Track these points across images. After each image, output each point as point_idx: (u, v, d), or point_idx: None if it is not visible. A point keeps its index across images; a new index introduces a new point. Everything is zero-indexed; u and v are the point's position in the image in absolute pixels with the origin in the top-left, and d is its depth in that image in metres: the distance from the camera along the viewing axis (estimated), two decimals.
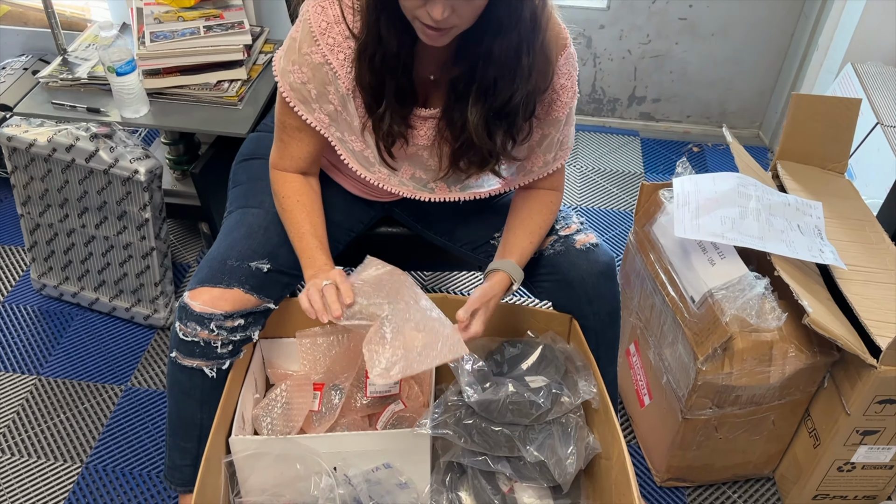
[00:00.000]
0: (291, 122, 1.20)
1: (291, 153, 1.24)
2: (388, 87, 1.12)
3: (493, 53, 1.07)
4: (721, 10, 2.34)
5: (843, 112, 1.59)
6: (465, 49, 1.10)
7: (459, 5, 0.98)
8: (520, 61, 1.08)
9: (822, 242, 1.36)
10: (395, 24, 1.05)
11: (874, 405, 1.29)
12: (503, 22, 1.04)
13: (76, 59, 1.79)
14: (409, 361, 1.11)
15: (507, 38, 1.05)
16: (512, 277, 1.22)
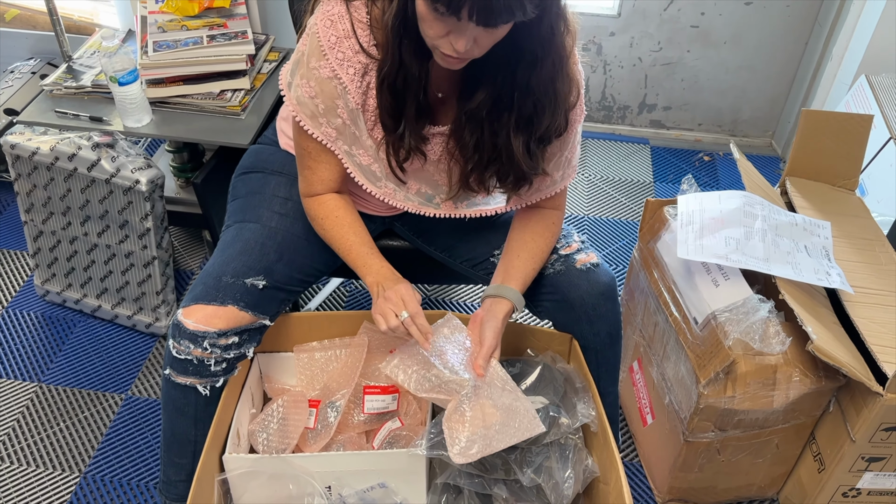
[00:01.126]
0: (311, 145, 1.19)
1: (320, 177, 1.22)
2: (409, 107, 1.11)
3: (532, 85, 1.08)
4: (734, 17, 2.31)
5: (854, 128, 1.55)
6: (482, 78, 1.09)
7: (482, 37, 0.98)
8: (556, 88, 1.09)
9: (830, 265, 1.33)
10: (416, 49, 1.05)
11: (880, 432, 1.26)
12: (538, 54, 1.05)
13: (81, 67, 1.79)
14: (487, 440, 1.14)
15: (544, 69, 1.07)
16: (514, 305, 1.21)
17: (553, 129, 1.13)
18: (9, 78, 2.22)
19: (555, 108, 1.11)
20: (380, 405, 1.38)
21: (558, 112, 1.11)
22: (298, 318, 1.38)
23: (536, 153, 1.15)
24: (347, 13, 1.09)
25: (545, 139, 1.14)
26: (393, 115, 1.13)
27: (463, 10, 0.91)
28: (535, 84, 1.07)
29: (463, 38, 0.96)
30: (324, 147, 1.19)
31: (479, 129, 1.14)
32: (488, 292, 1.22)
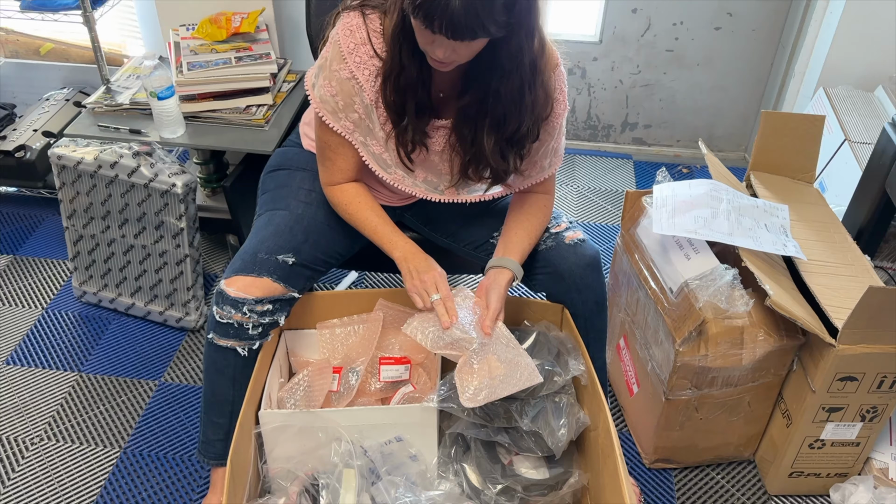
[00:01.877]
0: (330, 138, 1.39)
1: (339, 167, 1.42)
2: (409, 104, 1.31)
3: (501, 93, 1.26)
4: (704, 42, 2.54)
5: (809, 127, 1.76)
6: (473, 81, 1.29)
7: (458, 48, 1.17)
8: (524, 98, 1.28)
9: (787, 239, 1.52)
10: (413, 53, 1.24)
11: (836, 382, 1.44)
12: (506, 67, 1.23)
13: (118, 88, 1.99)
14: (493, 388, 1.30)
15: (511, 81, 1.25)
16: (514, 274, 1.39)
17: (522, 134, 1.30)
18: (45, 105, 2.43)
19: (521, 116, 1.28)
20: (394, 374, 1.55)
21: (525, 120, 1.29)
22: (321, 297, 1.55)
23: (508, 154, 1.33)
24: (364, 24, 1.30)
25: (515, 142, 1.32)
26: (397, 110, 1.32)
27: (434, 26, 1.11)
28: (504, 93, 1.25)
29: (440, 48, 1.16)
30: (343, 140, 1.38)
31: (473, 126, 1.34)
32: (491, 264, 1.41)
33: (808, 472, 1.61)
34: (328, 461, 1.39)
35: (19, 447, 1.71)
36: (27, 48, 2.56)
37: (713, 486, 1.68)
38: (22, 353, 1.93)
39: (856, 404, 1.48)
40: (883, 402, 1.48)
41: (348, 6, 1.32)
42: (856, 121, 2.07)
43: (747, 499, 1.65)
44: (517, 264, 1.40)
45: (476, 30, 1.11)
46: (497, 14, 1.11)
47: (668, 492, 1.67)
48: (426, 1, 1.09)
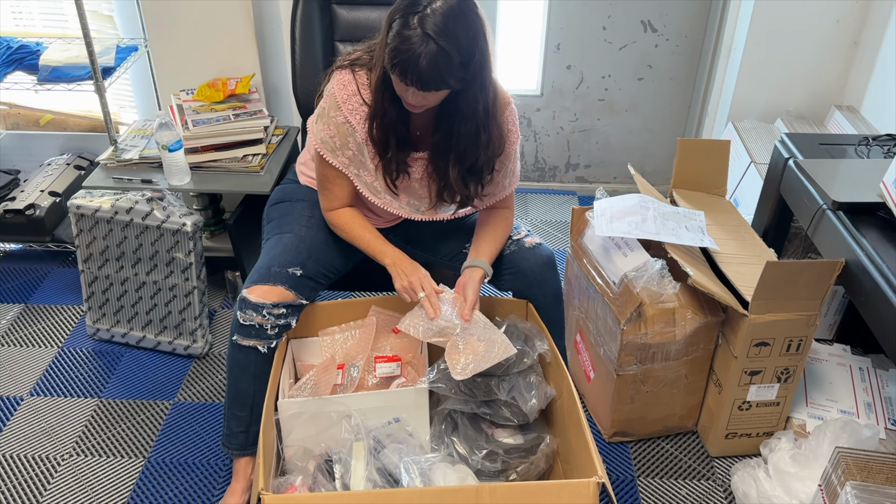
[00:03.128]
0: (330, 172, 1.68)
1: (336, 195, 1.71)
2: (392, 139, 1.62)
3: (461, 133, 1.58)
4: (630, 90, 2.95)
5: (717, 150, 2.13)
6: (441, 122, 1.60)
7: (427, 96, 1.48)
8: (479, 137, 1.59)
9: (703, 236, 1.86)
10: (393, 99, 1.56)
11: (752, 348, 1.75)
12: (465, 113, 1.55)
13: (126, 146, 2.27)
14: (477, 362, 1.58)
15: (469, 124, 1.56)
16: (486, 272, 1.70)
17: (479, 166, 1.61)
18: (48, 169, 2.68)
19: (478, 152, 1.60)
20: (388, 370, 1.82)
21: (481, 155, 1.60)
22: (322, 307, 1.82)
23: (469, 183, 1.64)
24: (354, 79, 1.62)
25: (475, 173, 1.63)
26: (382, 145, 1.62)
27: (407, 80, 1.42)
28: (463, 133, 1.56)
29: (412, 96, 1.47)
30: (339, 172, 1.68)
31: (445, 159, 1.65)
32: (466, 264, 1.71)
33: (740, 432, 1.91)
34: (339, 440, 1.64)
35: (51, 463, 1.90)
36: (28, 120, 2.82)
37: (664, 455, 1.96)
38: (43, 386, 2.13)
39: (771, 367, 1.79)
40: (793, 364, 1.80)
41: (340, 66, 1.64)
42: (759, 147, 2.47)
43: (694, 462, 1.94)
44: (487, 264, 1.70)
45: (439, 83, 1.43)
46: (455, 71, 1.43)
47: (626, 462, 1.94)
48: (401, 61, 1.41)
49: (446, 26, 1.38)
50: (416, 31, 1.38)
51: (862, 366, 2.04)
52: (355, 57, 1.62)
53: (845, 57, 2.57)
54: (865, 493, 1.43)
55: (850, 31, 2.53)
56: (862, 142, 1.95)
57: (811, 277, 1.64)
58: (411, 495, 1.37)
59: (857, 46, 2.54)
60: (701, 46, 2.84)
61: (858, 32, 2.52)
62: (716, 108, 2.82)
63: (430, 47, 1.37)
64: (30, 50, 2.37)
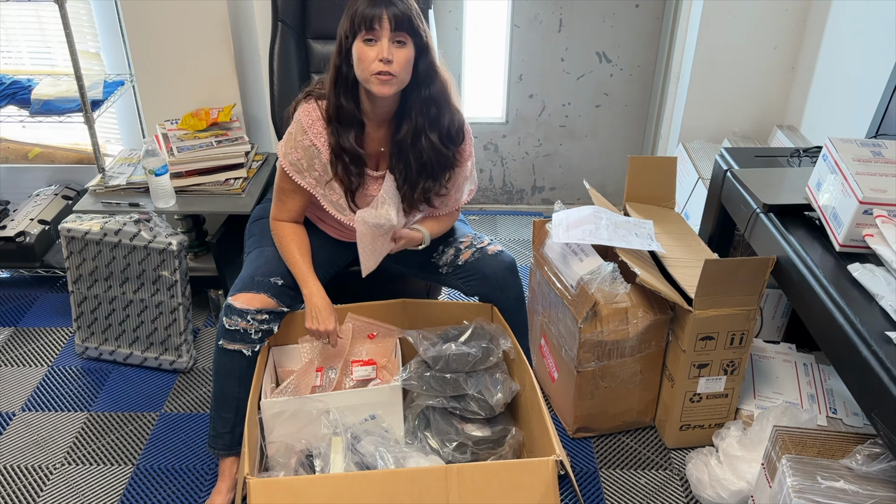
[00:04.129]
0: (288, 186, 1.83)
1: (288, 208, 1.86)
2: (349, 160, 1.76)
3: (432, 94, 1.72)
4: (589, 117, 3.14)
5: (665, 166, 2.31)
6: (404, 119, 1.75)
7: (395, 54, 1.62)
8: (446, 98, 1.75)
9: (652, 241, 2.03)
10: (346, 92, 1.71)
11: (699, 342, 1.91)
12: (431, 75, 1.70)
13: (113, 174, 2.41)
14: None
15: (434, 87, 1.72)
16: (424, 235, 1.86)
17: (450, 127, 1.77)
18: (37, 199, 2.80)
19: (447, 110, 1.75)
20: (364, 373, 1.95)
21: (448, 112, 1.76)
22: (302, 315, 1.94)
23: (449, 144, 1.78)
24: (317, 107, 1.78)
25: (450, 135, 1.78)
26: (340, 165, 1.77)
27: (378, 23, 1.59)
28: (434, 94, 1.72)
29: (383, 49, 1.61)
30: (297, 188, 1.81)
31: (404, 164, 1.79)
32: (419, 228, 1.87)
33: (693, 424, 2.05)
34: (319, 436, 1.76)
35: (43, 472, 1.99)
36: (17, 154, 2.94)
37: (624, 448, 2.10)
38: (34, 402, 2.23)
39: (717, 360, 1.94)
40: (737, 357, 1.95)
41: (302, 98, 1.81)
42: (707, 164, 2.66)
43: (652, 454, 2.08)
44: (428, 234, 1.88)
45: (408, 22, 1.61)
46: (417, 17, 1.63)
47: (589, 456, 2.08)
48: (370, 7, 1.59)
49: None
50: None
51: (806, 362, 2.20)
52: (312, 88, 1.80)
53: (784, 80, 2.79)
54: (799, 464, 1.57)
55: (788, 57, 2.74)
56: (794, 154, 2.14)
57: (747, 274, 1.81)
58: (385, 476, 1.50)
59: (795, 70, 2.76)
60: (652, 75, 3.05)
61: (795, 57, 2.74)
62: (668, 131, 3.02)
63: None
64: (22, 85, 2.51)
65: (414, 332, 1.90)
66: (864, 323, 1.44)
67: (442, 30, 2.93)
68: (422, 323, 1.98)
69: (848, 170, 1.64)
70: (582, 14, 2.92)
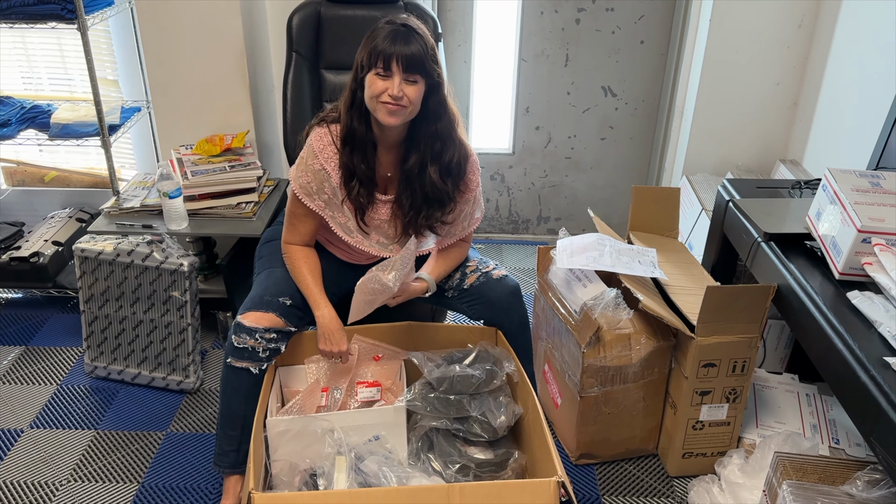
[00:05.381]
0: (299, 210, 1.88)
1: (300, 232, 1.90)
2: (360, 167, 1.81)
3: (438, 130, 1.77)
4: (594, 149, 3.20)
5: (668, 197, 2.36)
6: (413, 150, 1.80)
7: (406, 89, 1.67)
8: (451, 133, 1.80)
9: (655, 269, 2.06)
10: (360, 116, 1.76)
11: (701, 368, 1.93)
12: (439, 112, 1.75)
13: (128, 196, 2.46)
14: None
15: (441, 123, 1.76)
16: (429, 285, 1.89)
17: (450, 162, 1.80)
18: (51, 221, 2.86)
19: (451, 146, 1.79)
20: (368, 395, 1.97)
21: (452, 147, 1.80)
22: (308, 336, 1.97)
23: (448, 180, 1.82)
24: (329, 132, 1.83)
25: (449, 171, 1.81)
26: (349, 176, 1.81)
27: (389, 62, 1.64)
28: (441, 129, 1.77)
29: (394, 86, 1.66)
30: (308, 212, 1.85)
31: (411, 191, 1.84)
32: (416, 275, 1.89)
33: (696, 451, 2.06)
34: (323, 455, 1.77)
35: (50, 489, 2.01)
36: (33, 177, 3.01)
37: (627, 475, 2.10)
38: (43, 419, 2.25)
39: (720, 387, 1.96)
40: (740, 384, 1.97)
41: (315, 124, 1.86)
42: (710, 196, 2.69)
43: (655, 481, 2.08)
44: (432, 280, 1.90)
45: (419, 62, 1.66)
46: (429, 56, 1.68)
47: (591, 482, 2.08)
48: (384, 47, 1.65)
49: (412, 21, 1.70)
50: (389, 26, 1.67)
51: (809, 392, 2.21)
52: (325, 114, 1.85)
53: (786, 115, 2.84)
54: (800, 489, 1.58)
55: (790, 93, 2.80)
56: (795, 185, 2.17)
57: (749, 301, 1.83)
58: (388, 493, 1.51)
59: (797, 106, 2.81)
60: (657, 109, 3.11)
61: (797, 94, 2.80)
62: (672, 164, 3.06)
63: (408, 31, 1.68)
64: (41, 110, 2.58)
65: (419, 353, 1.93)
66: (863, 349, 1.46)
67: (451, 62, 3.01)
68: (427, 346, 2.00)
69: (847, 199, 1.67)
70: (588, 49, 2.99)
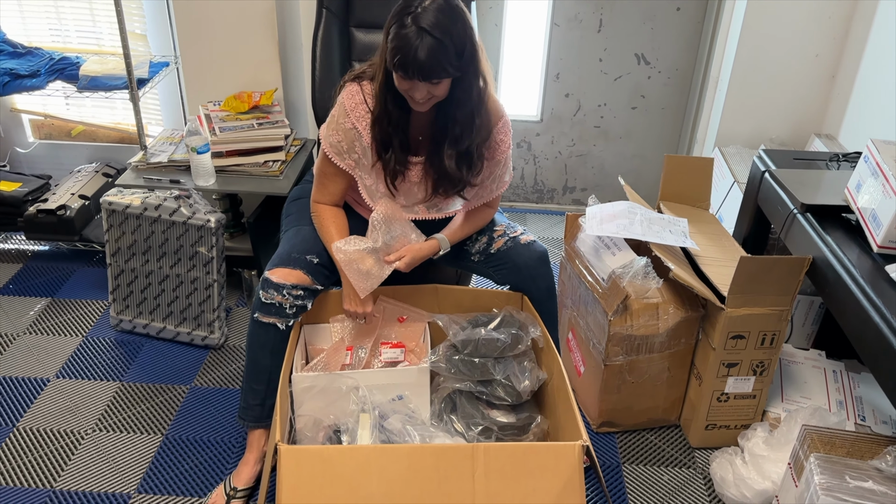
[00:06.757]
0: (329, 169, 1.86)
1: (329, 191, 1.89)
2: (394, 141, 1.79)
3: (457, 118, 1.75)
4: (624, 118, 3.14)
5: (701, 167, 2.32)
6: (439, 118, 1.79)
7: (431, 88, 1.64)
8: (474, 122, 1.76)
9: (686, 238, 2.03)
10: (396, 102, 1.73)
11: (729, 340, 1.90)
12: (461, 99, 1.71)
13: (155, 151, 2.46)
14: None
15: (465, 108, 1.73)
16: (441, 245, 1.86)
17: (472, 150, 1.76)
18: (77, 175, 2.86)
19: (472, 135, 1.75)
20: (392, 355, 1.96)
21: (475, 137, 1.75)
22: (334, 295, 1.97)
23: (462, 166, 1.79)
24: (360, 90, 1.80)
25: (467, 157, 1.78)
26: (383, 147, 1.79)
27: (409, 73, 1.59)
28: (460, 117, 1.72)
29: (418, 91, 1.64)
30: (338, 171, 1.84)
31: (440, 154, 1.81)
32: (432, 236, 1.88)
33: (720, 424, 2.05)
34: (347, 412, 1.78)
35: (75, 437, 2.04)
36: (60, 131, 3.01)
37: (648, 445, 2.10)
38: (68, 370, 2.27)
39: (747, 359, 1.94)
40: (767, 357, 1.94)
41: (348, 80, 1.82)
42: (743, 169, 2.65)
43: (676, 452, 2.07)
44: (446, 240, 1.88)
45: (439, 72, 1.59)
46: (452, 59, 1.59)
47: (612, 450, 2.08)
48: (402, 57, 1.58)
49: (437, 20, 1.56)
50: (411, 28, 1.55)
51: (836, 369, 2.18)
52: (360, 71, 1.81)
53: (824, 89, 2.77)
54: (828, 463, 1.56)
55: (829, 66, 2.73)
56: (833, 157, 2.13)
57: (782, 272, 1.80)
58: (413, 450, 1.51)
59: (835, 79, 2.74)
60: (690, 79, 3.05)
61: (836, 66, 2.73)
62: (704, 136, 3.01)
63: (427, 40, 1.54)
64: (70, 62, 2.57)
65: (444, 316, 1.92)
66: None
67: (482, 25, 2.96)
68: (452, 309, 1.99)
69: (890, 171, 1.63)
70: (622, 15, 2.92)
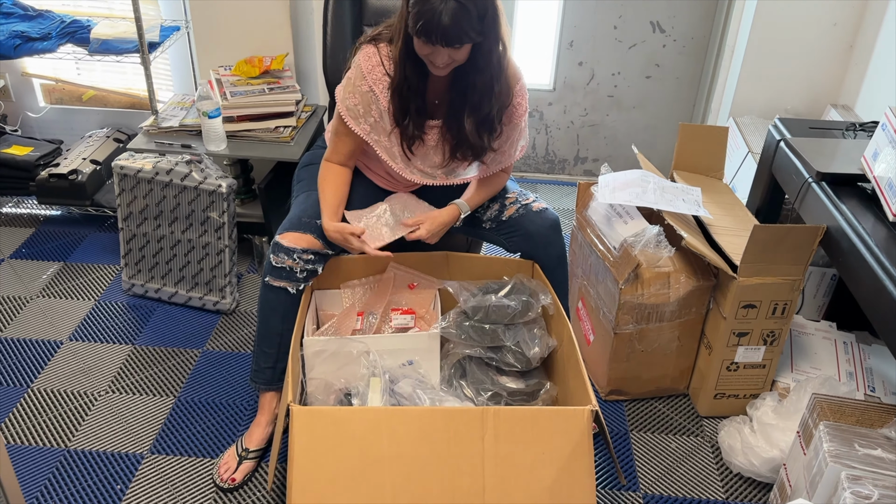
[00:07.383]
0: (343, 129, 1.85)
1: (340, 150, 1.88)
2: (412, 106, 1.78)
3: (476, 85, 1.74)
4: (639, 89, 3.11)
5: (716, 136, 2.29)
6: (457, 83, 1.77)
7: (453, 53, 1.63)
8: (493, 88, 1.75)
9: (699, 207, 2.02)
10: (415, 67, 1.72)
11: (741, 310, 1.90)
12: (481, 65, 1.70)
13: (166, 116, 2.45)
14: None
15: (484, 74, 1.72)
16: (461, 209, 1.86)
17: (492, 116, 1.76)
18: (89, 140, 2.86)
19: (491, 102, 1.74)
20: (403, 321, 1.97)
21: (495, 104, 1.75)
22: (345, 260, 1.97)
23: (483, 133, 1.78)
24: (377, 52, 1.78)
25: (488, 123, 1.77)
26: (401, 112, 1.78)
27: (432, 39, 1.57)
28: (479, 84, 1.71)
29: (439, 56, 1.63)
30: (350, 132, 1.81)
31: (458, 119, 1.80)
32: (452, 202, 1.87)
33: (728, 393, 2.05)
34: (357, 376, 1.79)
35: (88, 398, 2.06)
36: (71, 95, 3.01)
37: (656, 413, 2.10)
38: (81, 333, 2.29)
39: (758, 329, 1.93)
40: (778, 327, 1.94)
41: (364, 41, 1.81)
42: (757, 139, 2.62)
43: (684, 420, 2.08)
44: (466, 205, 1.87)
45: (462, 37, 1.58)
46: (474, 24, 1.57)
47: (620, 417, 2.09)
48: (425, 22, 1.56)
49: None
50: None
51: (846, 340, 2.17)
52: (377, 33, 1.79)
53: (841, 59, 2.73)
54: (837, 431, 1.57)
55: (846, 35, 2.68)
56: (849, 127, 2.10)
57: (795, 242, 1.79)
58: (423, 413, 1.53)
59: (853, 49, 2.70)
60: (706, 48, 3.01)
61: (854, 36, 2.68)
62: (718, 106, 2.98)
63: (450, 4, 1.53)
64: (81, 25, 2.56)
65: (454, 283, 1.92)
66: None
67: None
68: (463, 276, 1.99)
69: None
70: None
